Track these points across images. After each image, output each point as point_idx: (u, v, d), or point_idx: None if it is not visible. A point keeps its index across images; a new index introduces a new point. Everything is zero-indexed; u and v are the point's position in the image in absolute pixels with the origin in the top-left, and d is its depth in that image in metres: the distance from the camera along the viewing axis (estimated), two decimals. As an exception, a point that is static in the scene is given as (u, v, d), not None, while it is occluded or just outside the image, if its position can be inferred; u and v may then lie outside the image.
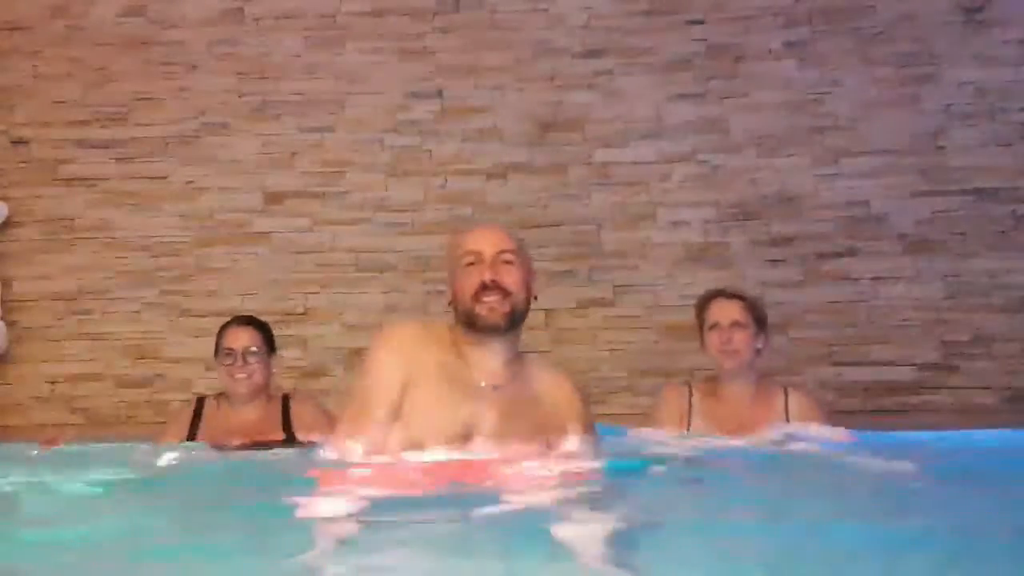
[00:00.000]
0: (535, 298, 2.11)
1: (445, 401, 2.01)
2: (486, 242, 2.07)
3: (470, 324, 2.04)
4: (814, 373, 4.32)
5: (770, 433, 2.62)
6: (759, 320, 2.78)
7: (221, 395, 2.95)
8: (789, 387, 2.84)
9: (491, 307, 2.00)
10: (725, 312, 2.74)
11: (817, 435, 2.59)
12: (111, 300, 4.62)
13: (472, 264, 2.04)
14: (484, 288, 2.00)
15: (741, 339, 2.71)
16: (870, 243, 4.41)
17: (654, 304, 4.43)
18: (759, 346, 2.77)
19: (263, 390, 2.91)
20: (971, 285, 4.33)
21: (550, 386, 2.11)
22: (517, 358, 2.11)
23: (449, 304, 2.10)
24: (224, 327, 2.98)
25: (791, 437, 2.60)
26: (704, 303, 2.83)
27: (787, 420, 2.71)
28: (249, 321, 3.01)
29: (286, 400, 2.95)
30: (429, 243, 4.53)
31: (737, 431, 2.63)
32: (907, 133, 4.45)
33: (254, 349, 2.89)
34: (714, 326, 2.74)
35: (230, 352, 2.88)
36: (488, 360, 2.05)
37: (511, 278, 2.03)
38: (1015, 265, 4.31)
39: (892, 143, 4.45)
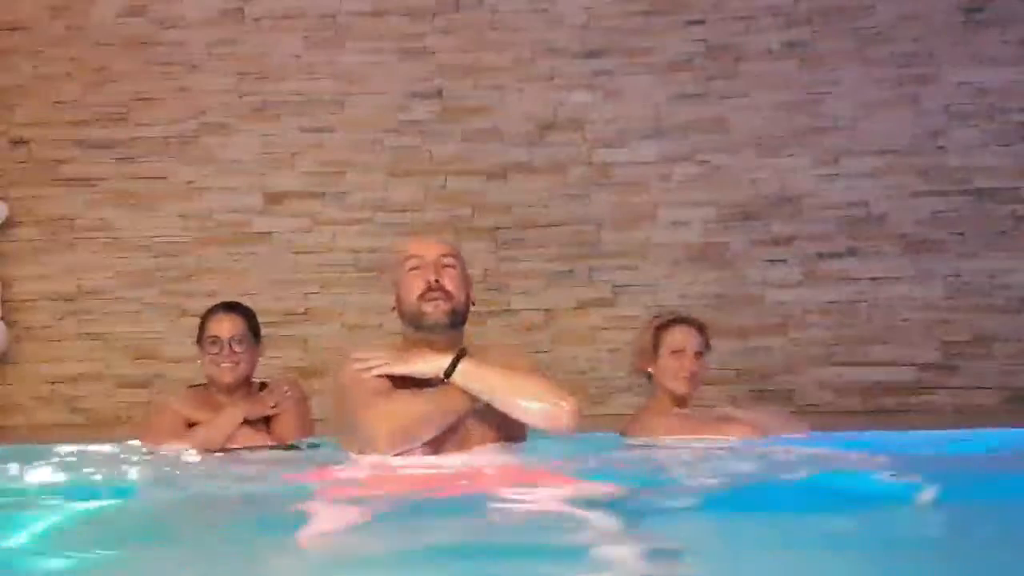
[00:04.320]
0: (473, 303, 2.30)
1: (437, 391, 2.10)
2: (427, 248, 2.26)
3: (416, 324, 2.20)
4: (814, 373, 4.33)
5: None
6: (707, 348, 2.88)
7: (200, 386, 2.91)
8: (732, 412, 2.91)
9: (435, 305, 2.17)
10: (690, 341, 2.82)
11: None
12: (111, 300, 4.62)
13: (416, 268, 2.22)
14: (429, 289, 2.17)
15: (701, 368, 2.80)
16: (870, 243, 4.41)
17: (654, 304, 4.42)
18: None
19: (247, 380, 2.87)
20: (971, 285, 4.33)
21: (490, 355, 2.22)
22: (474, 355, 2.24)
23: (393, 310, 2.28)
24: (209, 313, 2.89)
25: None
26: (665, 327, 2.87)
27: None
28: (234, 308, 2.91)
29: (262, 389, 2.89)
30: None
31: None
32: (907, 133, 4.45)
33: (240, 338, 2.84)
34: (678, 351, 2.80)
35: (216, 340, 2.80)
36: (442, 358, 2.13)
37: (451, 281, 2.21)
38: (1015, 265, 4.32)
39: (892, 143, 4.45)
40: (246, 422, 2.78)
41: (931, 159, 4.43)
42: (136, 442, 2.84)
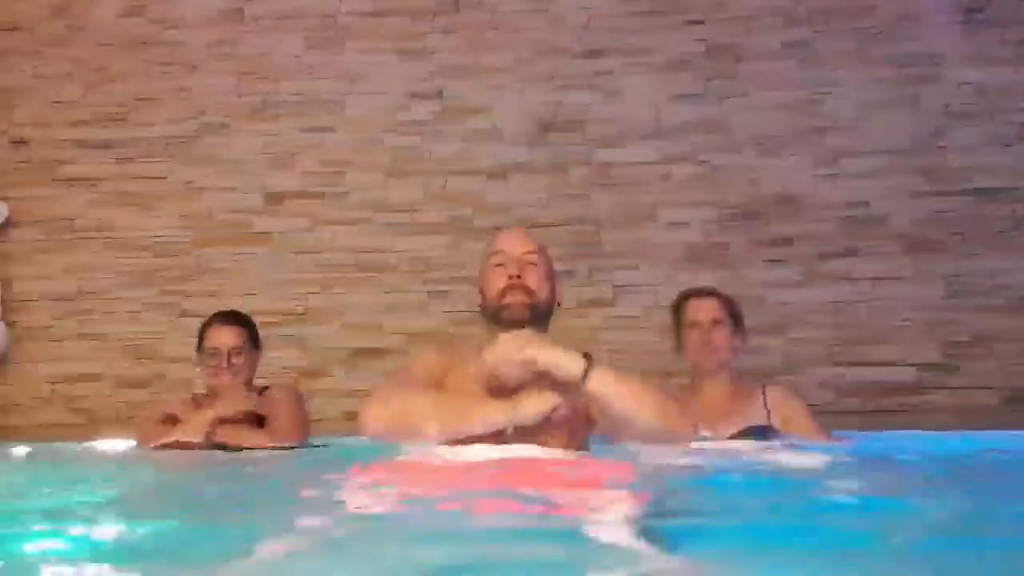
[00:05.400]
0: (559, 304, 2.30)
1: (480, 399, 2.07)
2: (513, 243, 2.26)
3: (496, 319, 2.18)
4: (814, 373, 4.32)
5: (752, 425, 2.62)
6: (735, 317, 2.80)
7: (206, 396, 2.91)
8: (767, 384, 2.85)
9: (515, 298, 2.15)
10: (703, 310, 2.76)
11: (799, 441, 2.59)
12: (111, 300, 4.62)
13: (500, 264, 2.22)
14: (510, 286, 2.16)
15: (721, 336, 2.74)
16: (870, 243, 4.41)
17: (654, 304, 4.42)
18: (736, 344, 2.79)
19: (248, 385, 2.87)
20: (971, 285, 4.33)
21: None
22: None
23: (479, 306, 2.25)
24: (209, 324, 2.90)
25: (775, 437, 2.59)
26: (680, 303, 2.84)
27: (767, 415, 2.71)
28: (235, 319, 2.93)
29: (261, 392, 2.90)
30: (429, 243, 4.54)
31: (714, 428, 2.63)
32: (907, 133, 4.45)
33: (240, 349, 2.83)
34: (693, 325, 2.75)
35: (216, 352, 2.81)
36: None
37: (533, 278, 2.20)
38: (1015, 265, 4.31)
39: (892, 143, 4.45)
40: (240, 422, 2.78)
41: (931, 159, 4.43)
42: (128, 442, 2.85)
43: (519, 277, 2.16)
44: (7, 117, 4.75)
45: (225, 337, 2.84)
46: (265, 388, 2.94)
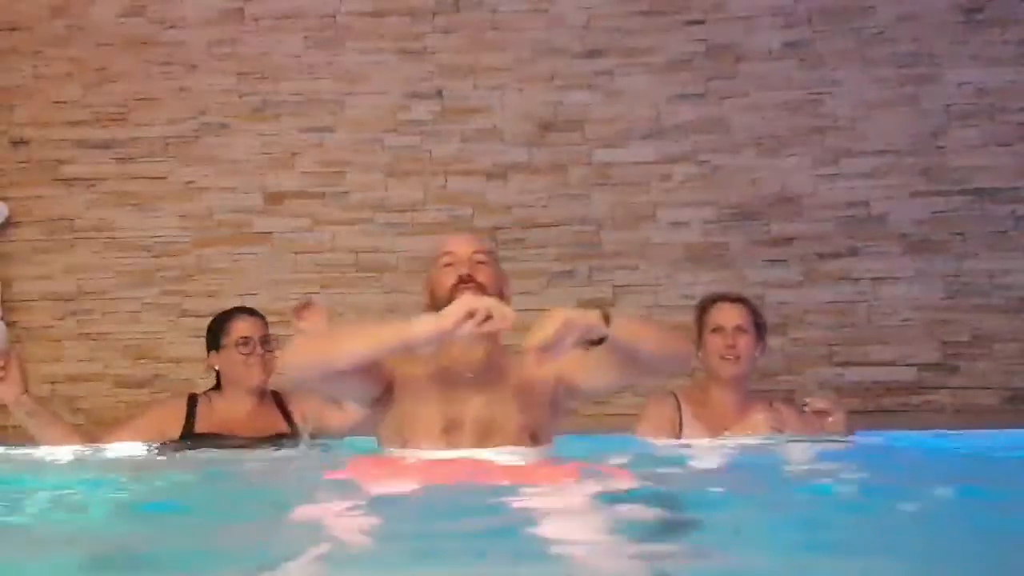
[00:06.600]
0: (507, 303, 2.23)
1: (433, 396, 2.12)
2: (462, 244, 2.24)
3: None
4: (814, 373, 4.33)
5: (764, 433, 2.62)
6: (759, 326, 2.77)
7: (212, 391, 2.90)
8: (773, 401, 2.84)
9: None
10: (729, 316, 2.71)
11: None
12: (111, 300, 4.62)
13: (449, 264, 2.19)
14: (460, 281, 2.14)
15: (744, 345, 2.69)
16: (870, 243, 4.41)
17: (654, 304, 4.43)
18: (757, 354, 2.76)
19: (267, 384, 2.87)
20: (971, 285, 4.33)
21: (525, 363, 2.14)
22: (499, 350, 2.21)
23: (426, 308, 2.22)
24: (232, 317, 2.87)
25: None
26: (706, 306, 2.80)
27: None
28: (256, 312, 2.94)
29: (278, 396, 2.88)
30: (429, 243, 4.53)
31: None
32: (907, 133, 4.45)
33: (268, 338, 2.83)
34: (717, 330, 2.70)
35: (247, 340, 2.78)
36: (468, 352, 2.13)
37: (485, 276, 2.18)
38: (1015, 265, 4.32)
39: (892, 143, 4.45)
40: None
41: (931, 159, 4.43)
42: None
43: (470, 276, 2.15)
44: (7, 117, 4.74)
45: (254, 326, 2.83)
46: (277, 392, 2.93)
